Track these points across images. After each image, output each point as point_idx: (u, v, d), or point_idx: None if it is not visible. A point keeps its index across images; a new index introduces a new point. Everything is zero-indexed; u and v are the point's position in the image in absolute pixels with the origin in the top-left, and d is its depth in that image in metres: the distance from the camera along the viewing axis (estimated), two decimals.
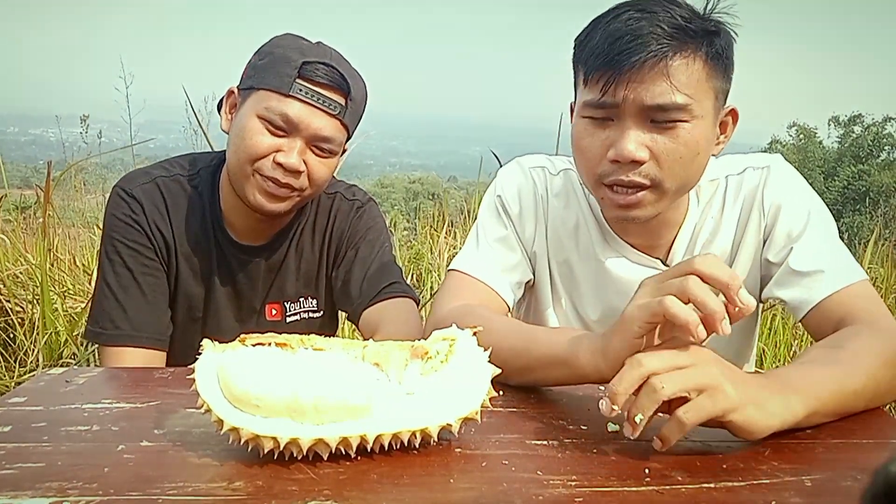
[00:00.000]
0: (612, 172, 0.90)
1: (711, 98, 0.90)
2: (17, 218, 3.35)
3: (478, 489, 0.58)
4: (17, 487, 0.56)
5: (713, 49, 0.87)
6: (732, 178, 1.04)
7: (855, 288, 0.90)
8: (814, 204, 0.99)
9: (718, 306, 0.63)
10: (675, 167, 0.89)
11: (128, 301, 1.14)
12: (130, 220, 1.15)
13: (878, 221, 6.25)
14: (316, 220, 1.28)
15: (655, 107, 0.86)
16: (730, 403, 0.62)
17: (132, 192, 1.16)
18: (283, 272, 1.26)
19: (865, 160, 18.72)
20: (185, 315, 1.23)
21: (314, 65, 1.08)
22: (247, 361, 0.63)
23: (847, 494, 0.59)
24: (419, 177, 13.55)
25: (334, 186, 1.30)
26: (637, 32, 0.85)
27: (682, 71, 0.86)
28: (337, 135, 1.11)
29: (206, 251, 1.21)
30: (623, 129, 0.88)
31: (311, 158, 1.11)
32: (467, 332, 0.70)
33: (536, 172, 1.11)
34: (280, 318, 1.27)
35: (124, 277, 1.15)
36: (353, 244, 1.26)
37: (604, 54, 0.87)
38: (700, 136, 0.89)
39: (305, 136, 1.09)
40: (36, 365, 2.31)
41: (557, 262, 1.10)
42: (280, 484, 0.58)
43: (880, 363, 0.77)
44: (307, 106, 1.08)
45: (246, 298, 1.25)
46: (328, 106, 1.09)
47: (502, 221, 1.08)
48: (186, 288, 1.21)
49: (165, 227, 1.18)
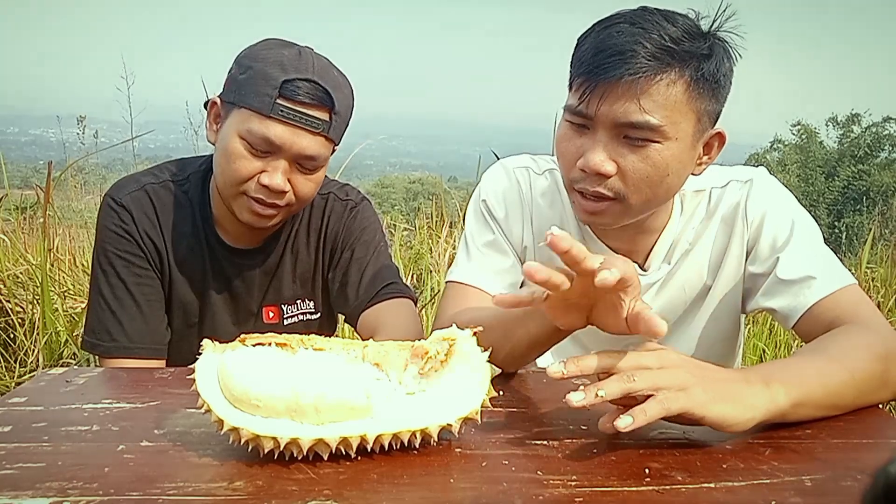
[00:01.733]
0: (581, 180, 0.91)
1: (692, 120, 0.88)
2: (18, 218, 3.35)
3: (478, 489, 0.58)
4: (18, 487, 0.56)
5: (699, 73, 0.86)
6: (716, 190, 1.04)
7: (844, 292, 0.91)
8: (797, 214, 0.99)
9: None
10: (641, 185, 0.89)
11: (123, 313, 1.13)
12: (121, 229, 1.14)
13: (876, 221, 6.25)
14: (310, 221, 1.27)
15: (627, 124, 0.86)
16: (697, 402, 0.64)
17: (121, 200, 1.16)
18: (279, 275, 1.26)
19: (865, 160, 18.73)
20: (182, 322, 1.22)
21: (295, 83, 1.04)
22: (247, 361, 0.63)
23: (847, 494, 0.59)
24: (419, 177, 13.54)
25: (327, 186, 1.29)
26: (620, 48, 0.84)
27: (661, 92, 0.85)
28: (321, 151, 1.09)
29: (198, 257, 1.20)
30: (595, 140, 0.89)
31: (296, 177, 1.09)
32: (467, 332, 0.70)
33: (520, 172, 1.10)
34: (277, 321, 1.27)
35: (118, 288, 1.14)
36: (348, 245, 1.26)
37: (586, 63, 0.87)
38: (671, 158, 0.88)
39: (289, 157, 1.07)
40: (36, 365, 2.31)
41: (542, 262, 1.10)
42: (280, 484, 0.58)
43: (869, 356, 0.78)
44: (289, 127, 1.05)
45: (242, 302, 1.25)
46: (311, 125, 1.06)
47: (489, 226, 1.08)
48: (181, 295, 1.20)
49: (156, 234, 1.17)
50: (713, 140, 0.94)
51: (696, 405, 0.64)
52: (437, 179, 5.76)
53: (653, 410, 0.63)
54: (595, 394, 0.63)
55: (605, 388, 0.63)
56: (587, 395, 0.63)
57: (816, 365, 0.75)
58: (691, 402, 0.64)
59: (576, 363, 0.65)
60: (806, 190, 17.82)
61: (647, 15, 0.87)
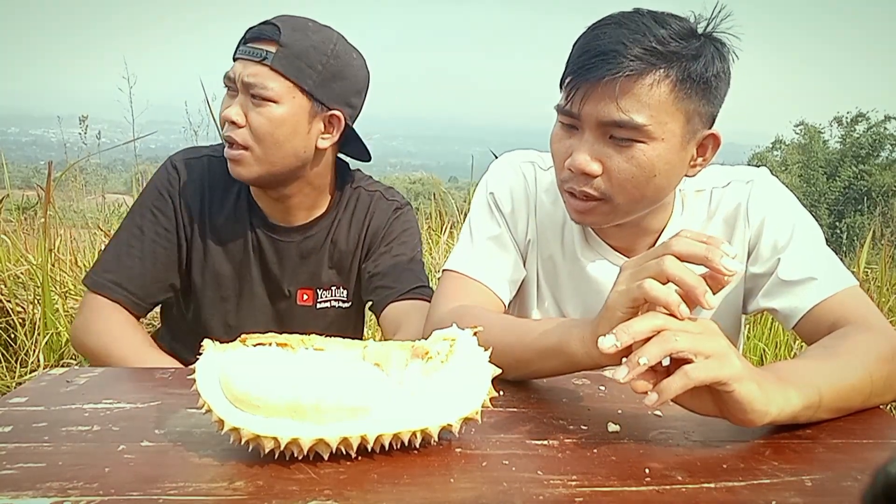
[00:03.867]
0: (569, 180, 0.92)
1: (680, 121, 0.88)
2: (18, 218, 3.35)
3: (478, 489, 0.58)
4: (18, 488, 0.56)
5: (685, 73, 0.85)
6: (717, 190, 1.04)
7: (846, 293, 0.91)
8: (798, 214, 0.99)
9: (697, 281, 0.64)
10: (626, 185, 0.89)
11: (128, 258, 1.20)
12: (164, 188, 1.23)
13: (877, 221, 6.24)
14: (354, 212, 1.31)
15: (611, 123, 0.86)
16: (736, 372, 0.63)
17: (176, 163, 1.25)
18: (317, 259, 1.29)
19: (866, 160, 18.73)
20: (214, 293, 1.27)
21: (253, 28, 1.14)
22: (248, 361, 0.63)
23: (847, 494, 0.59)
24: (419, 177, 13.53)
25: (375, 185, 1.35)
26: (604, 48, 0.85)
27: (644, 92, 0.85)
28: (265, 81, 1.12)
29: (239, 231, 1.26)
30: (582, 140, 0.89)
31: (250, 111, 1.14)
32: (467, 332, 0.70)
33: (527, 167, 1.11)
34: (311, 304, 1.31)
35: (135, 237, 1.22)
36: (387, 241, 1.30)
37: (573, 64, 0.88)
38: (657, 159, 0.88)
39: (243, 90, 1.14)
40: (37, 365, 2.31)
41: (543, 259, 1.10)
42: (281, 484, 0.58)
43: (876, 358, 0.77)
44: (240, 61, 1.14)
45: (277, 281, 1.28)
46: (252, 55, 1.13)
47: (495, 220, 1.08)
48: (216, 265, 1.25)
49: (198, 201, 1.24)
50: (707, 141, 0.93)
51: (730, 376, 0.62)
52: (437, 179, 5.76)
53: (678, 383, 0.61)
54: (637, 362, 0.61)
55: (646, 353, 0.62)
56: (630, 368, 0.61)
57: (827, 368, 0.75)
58: (725, 371, 0.62)
59: (626, 331, 0.63)
60: (807, 190, 17.83)
61: (637, 17, 0.87)
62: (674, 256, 0.65)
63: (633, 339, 0.63)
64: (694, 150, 0.92)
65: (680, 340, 0.62)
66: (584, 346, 0.72)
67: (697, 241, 0.65)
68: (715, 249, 0.64)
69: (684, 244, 0.65)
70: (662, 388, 0.62)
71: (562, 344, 0.75)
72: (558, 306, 1.11)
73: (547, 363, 0.79)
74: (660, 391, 0.62)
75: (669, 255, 0.65)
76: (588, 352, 0.72)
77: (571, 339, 0.74)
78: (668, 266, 0.65)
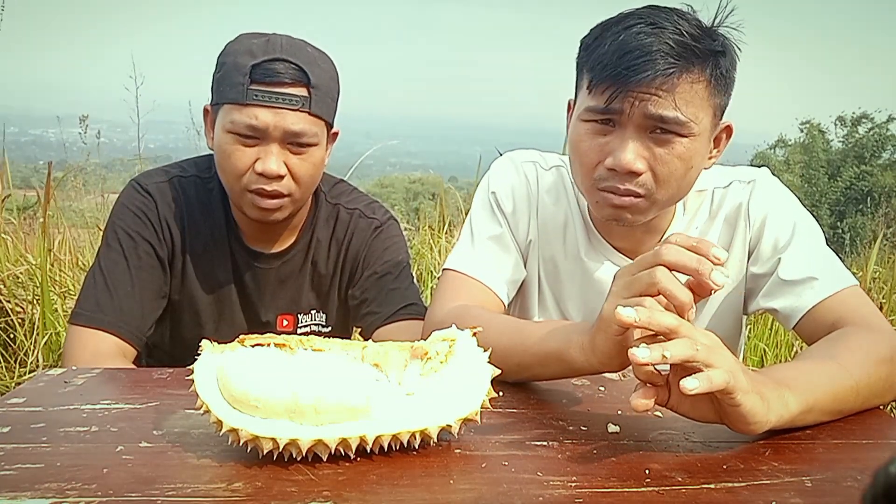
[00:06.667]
0: (608, 178, 0.91)
1: (710, 115, 0.91)
2: (18, 218, 3.35)
3: (478, 490, 0.58)
4: (17, 488, 0.56)
5: (718, 70, 0.88)
6: (719, 190, 1.04)
7: (846, 293, 0.91)
8: (799, 215, 1.00)
9: (686, 297, 0.64)
10: (669, 180, 0.91)
11: (116, 289, 1.11)
12: (140, 211, 1.15)
13: (880, 222, 6.23)
14: (333, 233, 1.26)
15: (658, 121, 0.88)
16: (741, 386, 0.62)
17: (147, 187, 1.16)
18: (296, 283, 1.25)
19: (868, 161, 18.71)
20: (192, 320, 1.21)
21: (264, 65, 1.04)
22: (246, 362, 0.63)
23: (847, 495, 0.59)
24: (419, 177, 13.52)
25: (355, 202, 1.28)
26: (646, 48, 0.85)
27: (687, 90, 0.87)
28: (309, 127, 1.07)
29: (218, 255, 1.20)
30: (623, 138, 0.89)
31: (291, 159, 1.09)
32: (467, 333, 0.70)
33: (528, 167, 1.11)
34: (292, 329, 1.27)
35: (118, 265, 1.12)
36: (369, 264, 1.25)
37: (612, 66, 0.87)
38: (695, 152, 0.90)
39: (277, 138, 1.06)
40: (36, 365, 2.31)
41: (544, 259, 1.10)
42: (279, 485, 0.58)
43: (874, 360, 0.77)
44: (267, 109, 1.05)
45: (257, 307, 1.24)
46: (288, 102, 1.05)
47: (497, 219, 1.08)
48: (193, 291, 1.20)
49: (177, 226, 1.16)
50: (721, 133, 0.97)
51: (737, 388, 0.62)
52: (437, 179, 5.76)
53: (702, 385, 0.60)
54: (661, 354, 0.60)
55: (671, 349, 0.61)
56: (652, 353, 0.61)
57: (824, 371, 0.74)
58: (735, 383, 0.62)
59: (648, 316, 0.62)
60: (809, 190, 17.82)
61: (663, 14, 0.88)
62: (664, 267, 0.65)
63: (649, 326, 0.62)
64: (711, 142, 0.95)
65: (700, 352, 0.61)
66: (583, 353, 0.72)
67: (688, 250, 0.65)
68: (706, 262, 0.64)
69: (675, 254, 0.65)
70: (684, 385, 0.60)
71: (561, 351, 0.75)
72: (560, 307, 1.11)
73: (546, 368, 0.79)
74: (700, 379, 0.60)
75: (661, 267, 0.65)
76: (587, 359, 0.71)
77: (571, 346, 0.73)
78: (659, 279, 0.65)
